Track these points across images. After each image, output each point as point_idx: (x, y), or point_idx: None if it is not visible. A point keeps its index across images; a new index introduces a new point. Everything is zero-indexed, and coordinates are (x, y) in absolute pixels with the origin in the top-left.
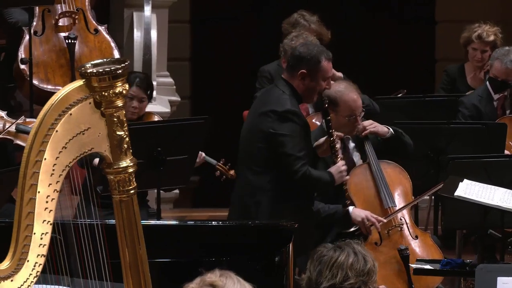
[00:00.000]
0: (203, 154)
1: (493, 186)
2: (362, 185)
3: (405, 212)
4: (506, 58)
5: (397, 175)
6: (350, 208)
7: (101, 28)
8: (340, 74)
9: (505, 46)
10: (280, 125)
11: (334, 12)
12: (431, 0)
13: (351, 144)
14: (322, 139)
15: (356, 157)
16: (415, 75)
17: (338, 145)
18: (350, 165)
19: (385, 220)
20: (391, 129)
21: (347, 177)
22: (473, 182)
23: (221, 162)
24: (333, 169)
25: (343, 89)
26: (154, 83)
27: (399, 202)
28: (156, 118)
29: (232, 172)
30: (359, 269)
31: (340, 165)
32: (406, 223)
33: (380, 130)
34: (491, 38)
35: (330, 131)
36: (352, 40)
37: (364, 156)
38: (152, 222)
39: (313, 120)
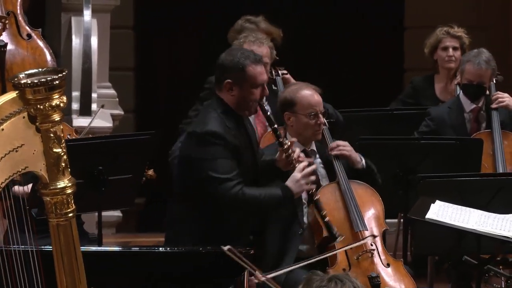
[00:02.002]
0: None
1: (468, 208)
2: (330, 206)
3: (375, 233)
4: (477, 59)
5: (369, 197)
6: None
7: (35, 33)
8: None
9: (473, 50)
10: (199, 149)
11: (288, 16)
12: (399, 4)
13: (317, 160)
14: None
15: (321, 173)
16: (381, 86)
17: (296, 153)
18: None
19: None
20: (363, 161)
21: (312, 185)
22: (446, 204)
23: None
24: (288, 181)
25: (297, 87)
26: (95, 95)
27: (370, 226)
28: (70, 133)
29: (150, 172)
30: None
31: (298, 174)
32: (377, 249)
33: (354, 157)
34: (460, 33)
35: (280, 139)
36: (310, 48)
37: (332, 174)
38: (93, 248)
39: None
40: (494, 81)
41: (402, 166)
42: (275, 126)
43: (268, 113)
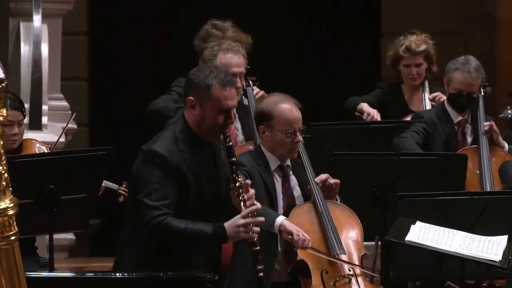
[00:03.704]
0: (102, 184)
1: (451, 230)
2: (305, 228)
3: (355, 261)
4: (467, 67)
5: (347, 219)
6: (280, 218)
7: None
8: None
9: (459, 57)
10: (140, 168)
11: (259, 22)
12: (376, 9)
13: (292, 177)
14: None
15: (297, 192)
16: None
17: (248, 194)
18: (289, 201)
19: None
20: (339, 200)
21: (252, 235)
22: (427, 225)
23: (124, 185)
24: (228, 222)
25: (277, 100)
26: (45, 107)
27: (348, 249)
28: (37, 148)
29: None
30: None
31: (240, 220)
32: (356, 275)
33: (333, 193)
34: (422, 47)
35: (233, 175)
36: (281, 56)
37: (307, 194)
38: (43, 274)
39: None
40: (482, 93)
41: (380, 184)
42: (234, 159)
43: (230, 143)
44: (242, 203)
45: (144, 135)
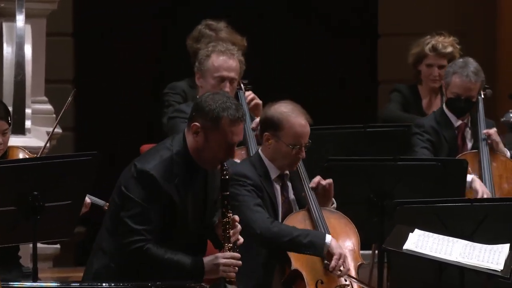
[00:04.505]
0: (88, 199)
1: (450, 238)
2: None
3: (352, 271)
4: (465, 70)
5: (343, 227)
6: (328, 237)
7: None
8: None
9: (458, 59)
10: (132, 185)
11: (257, 22)
12: (373, 9)
13: (289, 184)
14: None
15: (292, 199)
16: (353, 100)
17: (234, 230)
18: (287, 210)
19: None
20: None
21: (230, 275)
22: (426, 233)
23: None
24: (207, 258)
25: (289, 111)
26: (29, 110)
27: None
28: (22, 155)
29: None
30: None
31: (221, 258)
32: (352, 286)
33: (328, 194)
34: (449, 49)
35: (223, 210)
36: (279, 56)
37: (302, 201)
38: (27, 284)
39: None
40: (482, 95)
41: (377, 190)
42: (227, 193)
43: (227, 177)
44: (227, 239)
45: (132, 140)
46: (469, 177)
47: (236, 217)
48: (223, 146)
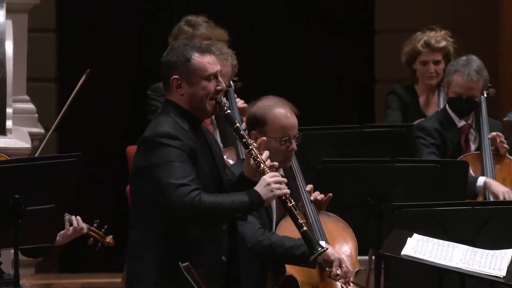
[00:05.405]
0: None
1: (451, 243)
2: None
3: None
4: (467, 69)
5: (340, 232)
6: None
7: None
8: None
9: (461, 57)
10: (149, 155)
11: (255, 22)
12: (370, 7)
13: None
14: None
15: None
16: (349, 99)
17: (264, 155)
18: (282, 214)
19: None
20: None
21: (283, 191)
22: (425, 238)
23: (94, 225)
24: (257, 186)
25: (271, 103)
26: (10, 110)
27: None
28: (2, 157)
29: (109, 238)
30: None
31: (268, 178)
32: None
33: (324, 205)
34: (442, 43)
35: (244, 140)
36: (276, 55)
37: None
38: None
39: (225, 157)
40: (485, 95)
41: (374, 193)
42: (237, 125)
43: (228, 111)
44: (261, 164)
45: (118, 141)
46: (480, 181)
47: (264, 138)
48: (207, 80)
